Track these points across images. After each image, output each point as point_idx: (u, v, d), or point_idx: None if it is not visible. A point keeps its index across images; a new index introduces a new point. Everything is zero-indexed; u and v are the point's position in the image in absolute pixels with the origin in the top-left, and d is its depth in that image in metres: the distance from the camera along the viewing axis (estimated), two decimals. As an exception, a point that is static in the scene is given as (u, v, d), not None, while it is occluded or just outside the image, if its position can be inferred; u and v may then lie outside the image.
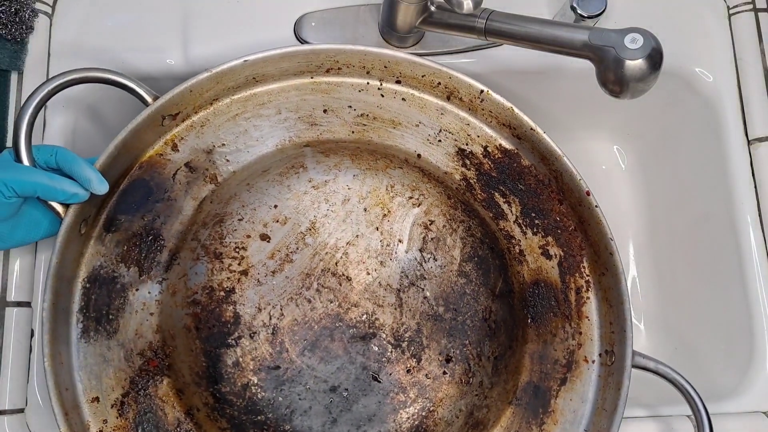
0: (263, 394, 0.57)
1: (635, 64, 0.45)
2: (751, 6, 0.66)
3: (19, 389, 0.55)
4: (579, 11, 0.58)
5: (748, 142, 0.64)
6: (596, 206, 0.56)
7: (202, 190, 0.57)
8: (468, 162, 0.59)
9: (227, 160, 0.57)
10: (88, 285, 0.52)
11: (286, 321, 0.59)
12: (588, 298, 0.57)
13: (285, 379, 0.57)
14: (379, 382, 0.58)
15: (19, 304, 0.56)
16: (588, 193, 0.56)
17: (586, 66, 0.50)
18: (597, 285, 0.57)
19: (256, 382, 0.57)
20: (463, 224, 0.61)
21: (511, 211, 0.59)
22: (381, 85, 0.59)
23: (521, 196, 0.59)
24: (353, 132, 0.59)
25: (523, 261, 0.58)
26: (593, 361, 0.56)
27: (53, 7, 0.62)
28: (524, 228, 0.58)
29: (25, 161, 0.50)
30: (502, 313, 0.59)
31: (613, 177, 0.77)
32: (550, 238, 0.58)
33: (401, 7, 0.56)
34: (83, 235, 0.52)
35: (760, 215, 0.63)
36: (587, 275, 0.57)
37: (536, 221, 0.58)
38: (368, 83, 0.59)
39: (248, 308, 0.58)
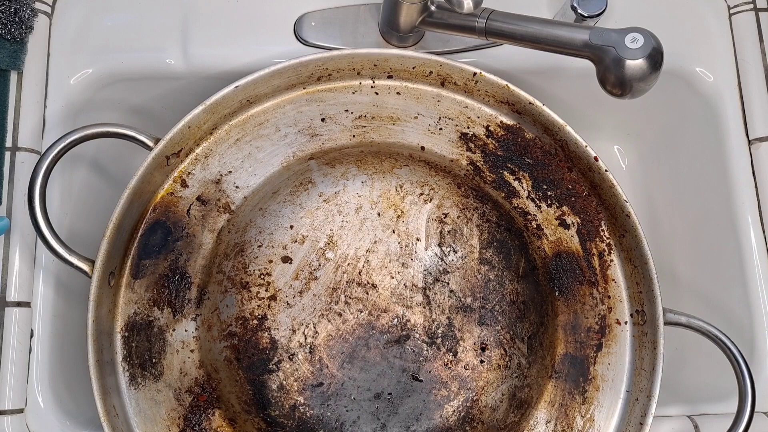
0: (312, 412, 0.58)
1: (636, 64, 0.45)
2: (751, 5, 0.65)
3: (19, 389, 0.55)
4: (579, 11, 0.57)
5: (749, 141, 0.64)
6: (606, 171, 0.56)
7: (217, 221, 0.57)
8: (472, 145, 0.59)
9: (237, 187, 0.58)
10: (126, 334, 0.54)
11: (321, 338, 0.60)
12: (611, 260, 0.57)
13: (330, 394, 0.59)
14: (420, 381, 0.60)
15: (19, 304, 0.56)
16: (596, 159, 0.56)
17: (586, 66, 0.49)
18: (618, 246, 0.57)
19: (302, 401, 0.59)
20: (477, 211, 0.61)
21: (523, 187, 0.59)
22: (374, 83, 0.59)
23: (530, 170, 0.59)
24: (354, 136, 0.59)
25: (542, 235, 0.59)
26: (625, 323, 0.56)
27: (53, 7, 0.61)
28: (538, 202, 0.59)
29: (45, 229, 0.52)
30: (529, 292, 0.60)
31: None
32: (565, 207, 0.58)
33: (402, 7, 0.56)
34: (113, 286, 0.54)
35: (760, 215, 0.62)
36: (607, 238, 0.57)
37: (549, 192, 0.58)
38: (360, 83, 0.59)
39: (283, 332, 0.60)
